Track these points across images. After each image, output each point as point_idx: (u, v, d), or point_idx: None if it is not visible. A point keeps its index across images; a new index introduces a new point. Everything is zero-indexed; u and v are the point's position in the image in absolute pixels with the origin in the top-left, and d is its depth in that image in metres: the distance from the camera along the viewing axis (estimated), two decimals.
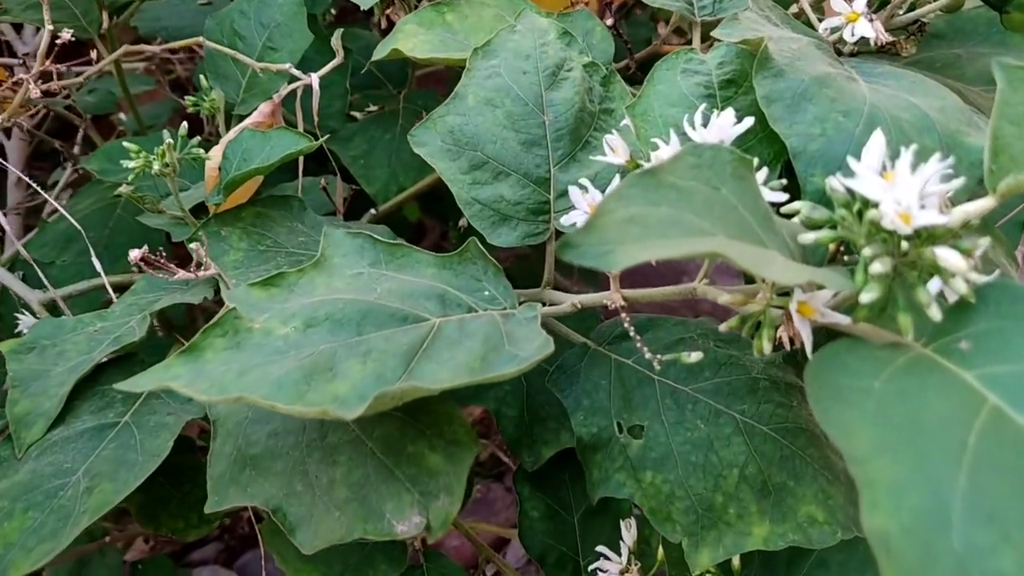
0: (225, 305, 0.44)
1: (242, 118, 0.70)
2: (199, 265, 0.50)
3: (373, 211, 0.76)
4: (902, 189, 0.31)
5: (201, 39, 0.73)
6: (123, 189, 0.60)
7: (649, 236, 0.31)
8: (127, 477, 0.49)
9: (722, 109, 0.46)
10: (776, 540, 0.50)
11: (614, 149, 0.46)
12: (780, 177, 0.44)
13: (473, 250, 0.48)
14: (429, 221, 1.18)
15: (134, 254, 0.54)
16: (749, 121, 0.42)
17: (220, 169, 0.63)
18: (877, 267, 0.31)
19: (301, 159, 0.73)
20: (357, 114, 0.88)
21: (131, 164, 0.59)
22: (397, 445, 0.44)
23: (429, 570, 0.68)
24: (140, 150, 0.59)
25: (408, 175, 0.81)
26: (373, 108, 0.88)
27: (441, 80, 1.00)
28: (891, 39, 0.50)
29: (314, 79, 0.66)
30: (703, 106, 0.42)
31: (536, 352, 0.42)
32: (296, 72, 0.68)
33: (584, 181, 0.45)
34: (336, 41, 0.69)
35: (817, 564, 0.58)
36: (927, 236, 0.31)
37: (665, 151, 0.41)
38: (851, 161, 0.33)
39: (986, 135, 0.33)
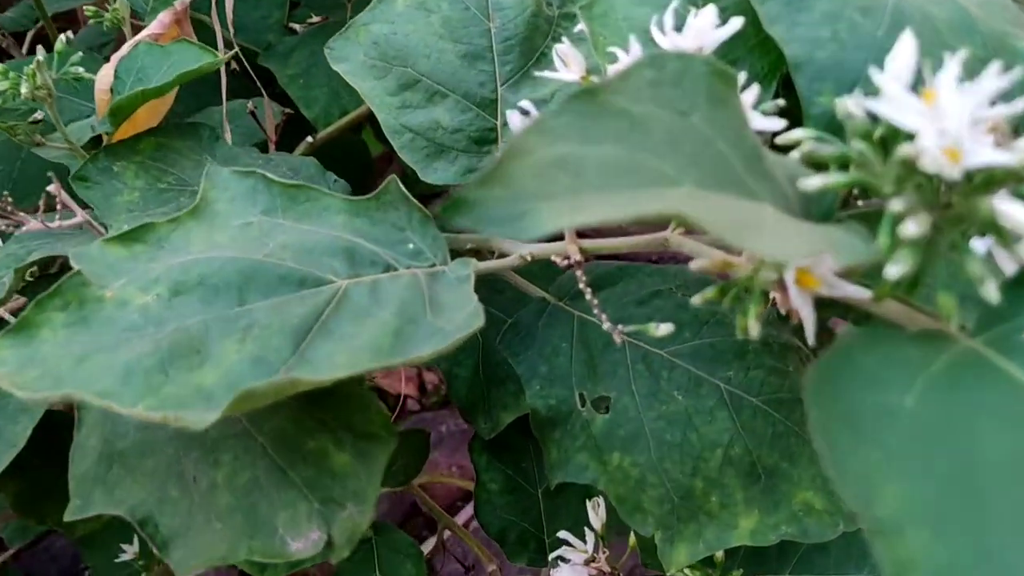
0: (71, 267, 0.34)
1: None
2: (58, 208, 0.41)
3: (310, 139, 0.66)
4: (948, 114, 0.21)
5: None
6: None
7: (584, 187, 0.21)
8: None
9: (703, 6, 0.36)
10: (766, 533, 0.42)
11: (566, 62, 0.36)
12: (777, 96, 0.34)
13: (394, 192, 0.38)
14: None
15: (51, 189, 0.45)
16: (737, 22, 0.32)
17: (112, 91, 0.52)
18: (911, 228, 0.21)
19: (224, 78, 0.63)
20: (297, 26, 0.76)
21: None
22: (294, 440, 0.35)
23: (378, 544, 0.61)
24: (7, 71, 0.49)
25: (353, 96, 0.71)
26: (316, 19, 0.77)
27: None
28: None
29: None
30: (676, 3, 0.32)
31: (463, 325, 0.33)
32: None
33: (527, 104, 0.35)
34: None
35: (815, 547, 0.51)
36: (982, 181, 0.22)
37: (624, 64, 0.31)
38: (874, 72, 0.24)
39: None
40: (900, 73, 0.27)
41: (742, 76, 0.35)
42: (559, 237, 0.39)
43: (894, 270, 0.21)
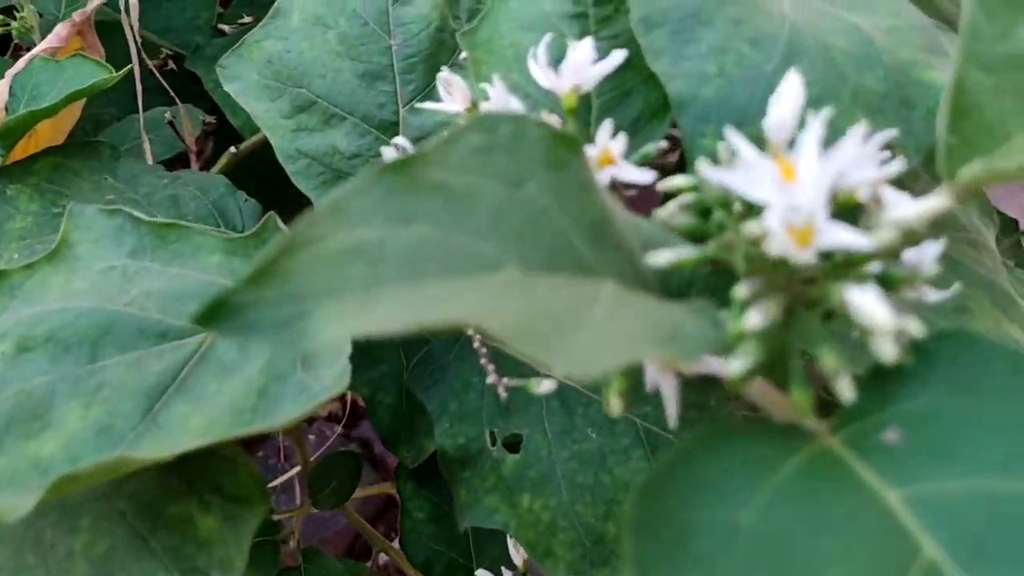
0: None
1: None
2: None
3: (233, 149, 0.63)
4: (804, 186, 0.19)
5: None
6: None
7: (382, 279, 0.18)
8: None
9: (598, 36, 0.33)
10: None
11: (450, 92, 0.33)
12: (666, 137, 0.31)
13: (272, 229, 0.36)
14: None
15: None
16: (618, 56, 0.30)
17: (6, 109, 0.50)
18: (753, 319, 0.19)
19: (139, 87, 0.60)
20: (227, 27, 0.73)
21: None
22: (155, 505, 0.33)
23: (307, 572, 0.59)
24: None
25: None
26: (247, 19, 0.74)
27: None
28: None
29: None
30: (548, 37, 0.29)
31: (332, 385, 0.30)
32: None
33: (401, 140, 0.33)
34: None
35: None
36: (841, 263, 0.20)
37: (495, 97, 0.29)
38: (730, 134, 0.21)
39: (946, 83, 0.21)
40: (781, 122, 0.25)
41: (636, 107, 0.33)
42: None
43: (735, 365, 0.19)
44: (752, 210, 0.20)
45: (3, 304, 0.33)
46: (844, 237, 0.18)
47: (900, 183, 0.23)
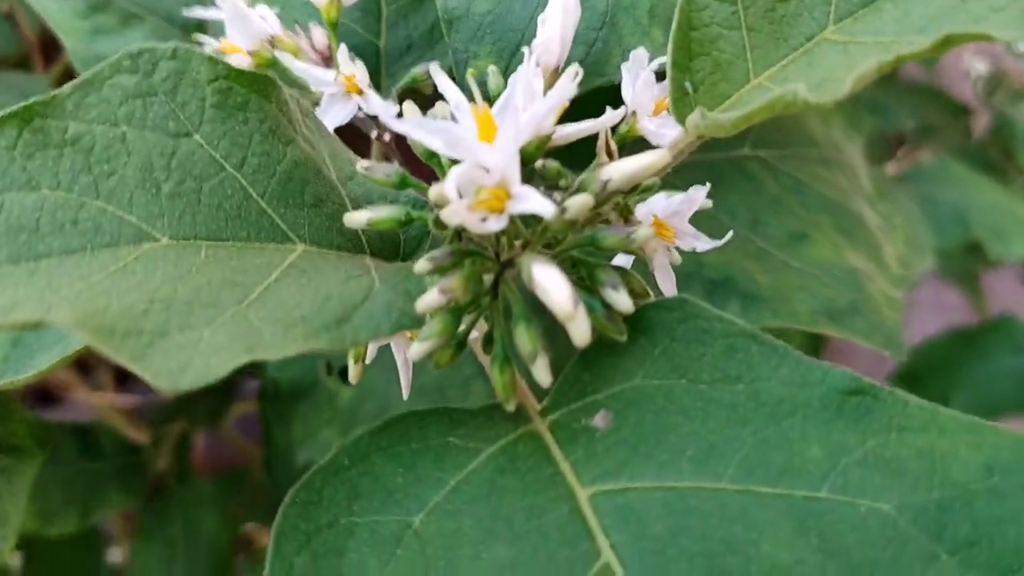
0: None
1: None
2: None
3: None
4: (499, 145, 0.16)
5: None
6: None
7: None
8: None
9: None
10: None
11: None
12: None
13: None
14: None
15: None
16: None
17: None
18: (431, 298, 0.16)
19: None
20: None
21: None
22: None
23: (178, 494, 0.57)
24: None
25: None
26: None
27: None
28: None
29: None
30: None
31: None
32: None
33: (208, 40, 0.29)
34: None
35: None
36: (540, 231, 0.17)
37: (258, 11, 0.25)
38: (434, 71, 0.18)
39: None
40: (549, 42, 0.22)
41: (434, 13, 0.29)
42: None
43: (417, 348, 0.17)
44: (442, 171, 0.18)
45: None
46: (534, 204, 0.16)
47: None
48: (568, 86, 0.17)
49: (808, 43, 0.17)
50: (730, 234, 0.21)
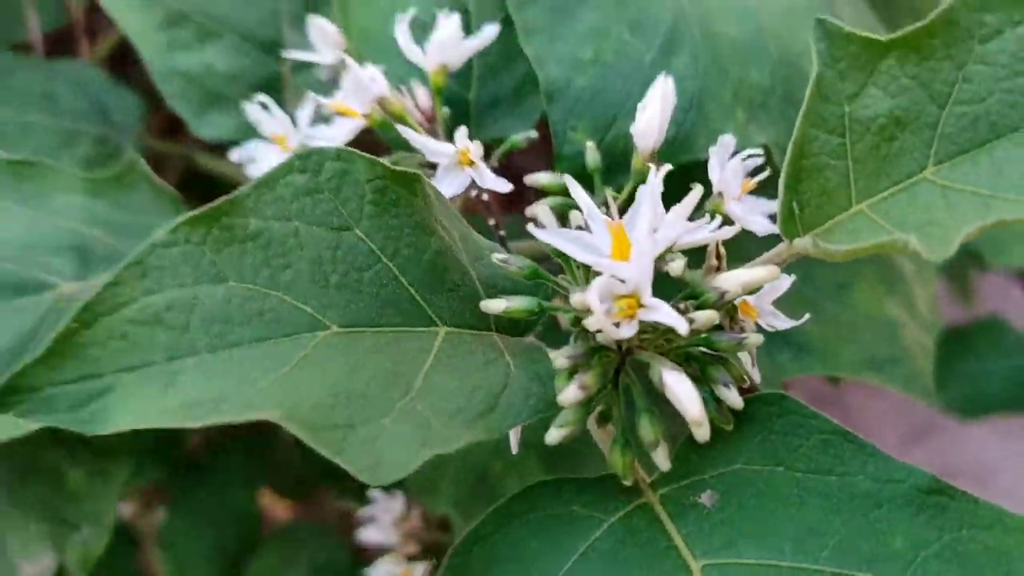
0: None
1: None
2: None
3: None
4: (635, 260, 0.18)
5: None
6: None
7: (188, 350, 0.18)
8: None
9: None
10: None
11: (323, 39, 0.31)
12: None
13: (139, 171, 0.34)
14: None
15: None
16: (490, 31, 0.28)
17: None
18: (571, 393, 0.19)
19: None
20: None
21: None
22: (27, 455, 0.32)
23: (209, 467, 0.60)
24: None
25: None
26: None
27: None
28: None
29: None
30: (409, 15, 0.27)
31: None
32: None
33: (266, 100, 0.31)
34: None
35: None
36: (663, 333, 0.19)
37: (368, 73, 0.26)
38: (570, 184, 0.20)
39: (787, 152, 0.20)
40: (647, 129, 0.24)
41: (521, 71, 0.31)
42: None
43: (551, 435, 0.19)
44: (586, 275, 0.20)
45: None
46: (665, 317, 0.18)
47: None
48: (659, 184, 0.19)
49: (908, 180, 0.20)
50: (807, 316, 0.23)
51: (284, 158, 0.25)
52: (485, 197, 0.27)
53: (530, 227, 0.19)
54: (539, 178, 0.26)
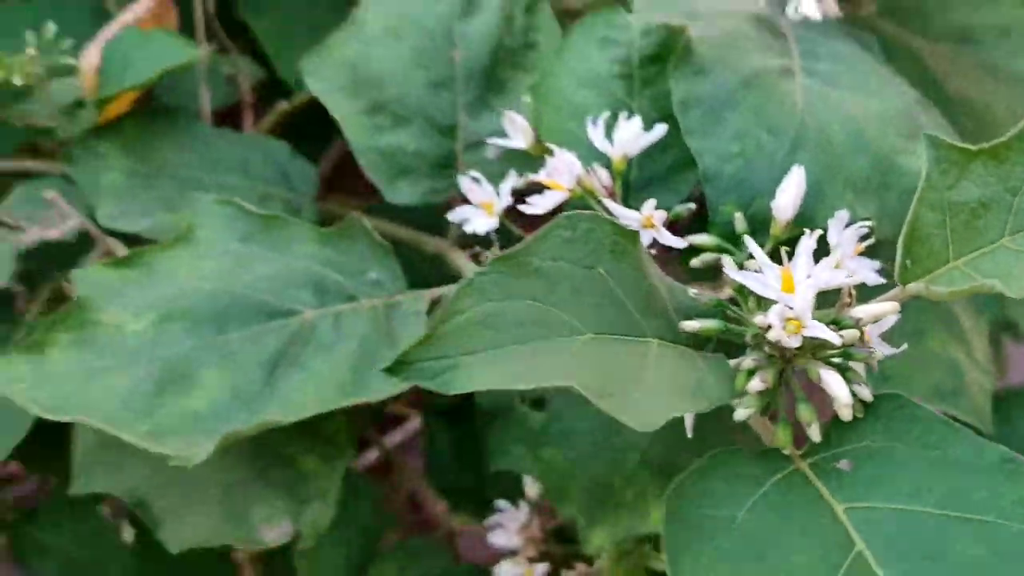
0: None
1: None
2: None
3: (285, 104, 0.69)
4: (798, 294, 0.27)
5: None
6: None
7: (503, 340, 0.27)
8: None
9: (642, 94, 0.41)
10: None
11: (514, 129, 0.40)
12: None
13: (356, 224, 0.43)
14: None
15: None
16: (660, 130, 0.37)
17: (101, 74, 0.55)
18: (755, 384, 0.27)
19: (203, 35, 0.65)
20: None
21: None
22: (271, 444, 0.41)
23: None
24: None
25: None
26: None
27: None
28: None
29: None
30: (604, 115, 0.36)
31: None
32: None
33: (477, 174, 0.40)
34: None
35: None
36: (816, 345, 0.28)
37: (559, 159, 0.36)
38: (749, 243, 0.29)
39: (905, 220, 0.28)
40: (785, 207, 0.33)
41: (671, 157, 0.40)
42: None
43: (740, 414, 0.28)
44: (758, 305, 0.29)
45: (142, 280, 0.40)
46: (822, 333, 0.27)
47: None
48: (812, 244, 0.28)
49: (991, 245, 0.28)
50: (904, 346, 0.32)
51: (492, 222, 0.35)
52: (654, 252, 0.36)
53: (727, 268, 0.28)
54: (699, 238, 0.35)
